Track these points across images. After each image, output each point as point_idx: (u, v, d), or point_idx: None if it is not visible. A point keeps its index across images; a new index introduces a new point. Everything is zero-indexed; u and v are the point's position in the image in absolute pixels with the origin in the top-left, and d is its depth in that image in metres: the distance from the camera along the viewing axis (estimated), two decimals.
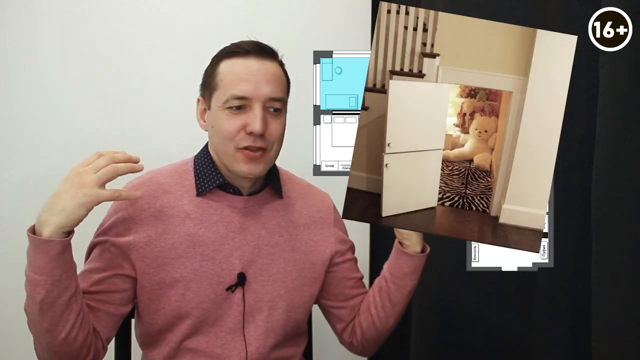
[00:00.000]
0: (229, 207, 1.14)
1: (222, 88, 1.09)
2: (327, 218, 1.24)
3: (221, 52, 1.13)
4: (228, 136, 1.08)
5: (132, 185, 1.14)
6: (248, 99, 1.07)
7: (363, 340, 1.25)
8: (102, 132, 1.74)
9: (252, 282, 1.13)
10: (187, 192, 1.14)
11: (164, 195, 1.13)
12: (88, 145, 1.73)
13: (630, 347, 0.97)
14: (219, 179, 1.13)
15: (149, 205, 1.11)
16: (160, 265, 1.10)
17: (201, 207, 1.13)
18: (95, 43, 1.72)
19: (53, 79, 1.72)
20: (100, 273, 1.10)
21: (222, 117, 1.09)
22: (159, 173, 1.17)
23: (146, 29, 1.73)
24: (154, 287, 1.10)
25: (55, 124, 1.72)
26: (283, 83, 1.13)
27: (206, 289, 1.11)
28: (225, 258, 1.12)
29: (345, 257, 1.25)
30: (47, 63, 1.71)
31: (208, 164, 1.15)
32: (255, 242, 1.15)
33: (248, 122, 1.07)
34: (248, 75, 1.08)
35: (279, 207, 1.19)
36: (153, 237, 1.10)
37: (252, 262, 1.14)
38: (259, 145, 1.08)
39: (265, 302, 1.14)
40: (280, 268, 1.16)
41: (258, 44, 1.11)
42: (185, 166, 1.18)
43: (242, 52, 1.09)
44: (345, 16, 1.79)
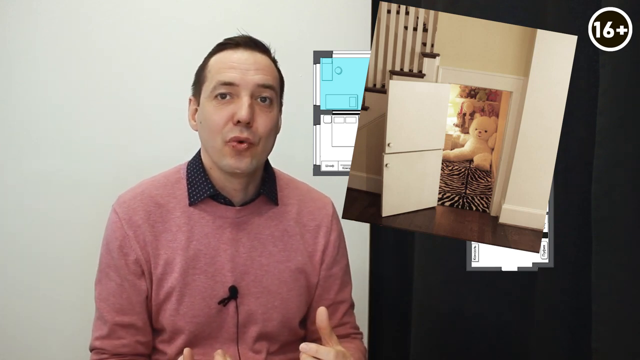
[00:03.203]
0: (221, 218, 1.11)
1: (209, 79, 1.07)
2: (324, 225, 1.19)
3: (213, 49, 1.12)
4: (216, 128, 1.05)
5: (124, 200, 1.12)
6: (235, 86, 1.05)
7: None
8: (102, 133, 1.73)
9: (246, 294, 1.11)
10: (179, 203, 1.12)
11: (156, 209, 1.10)
12: (88, 146, 1.74)
13: (630, 347, 0.97)
14: (210, 189, 1.11)
15: (143, 221, 1.09)
16: (156, 282, 1.09)
17: (193, 219, 1.11)
18: (96, 44, 1.72)
19: (53, 79, 1.71)
20: (132, 303, 1.09)
21: (210, 108, 1.06)
22: (151, 184, 1.14)
23: (146, 29, 1.73)
24: (152, 303, 1.10)
25: (56, 125, 1.72)
26: (274, 74, 1.10)
27: (199, 303, 1.09)
28: (217, 271, 1.10)
29: (330, 270, 1.19)
30: (48, 63, 1.71)
31: (200, 173, 1.12)
32: (247, 253, 1.12)
33: (235, 111, 1.04)
34: (236, 63, 1.06)
35: (274, 215, 1.16)
36: (150, 254, 1.09)
37: (245, 274, 1.11)
38: (245, 136, 1.04)
39: (259, 315, 1.12)
40: (275, 279, 1.13)
41: (249, 37, 1.10)
42: (177, 174, 1.15)
43: (232, 45, 1.08)
44: (345, 16, 1.79)
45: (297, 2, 1.76)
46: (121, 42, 1.72)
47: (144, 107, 1.74)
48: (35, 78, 1.71)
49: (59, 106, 1.71)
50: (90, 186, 1.69)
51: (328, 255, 1.18)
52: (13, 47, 1.69)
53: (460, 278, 1.36)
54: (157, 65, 1.73)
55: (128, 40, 1.73)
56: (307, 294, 1.17)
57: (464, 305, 1.39)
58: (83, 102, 1.72)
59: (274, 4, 1.76)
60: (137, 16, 1.73)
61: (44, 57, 1.71)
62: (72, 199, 1.69)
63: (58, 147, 1.71)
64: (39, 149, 1.71)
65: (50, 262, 1.68)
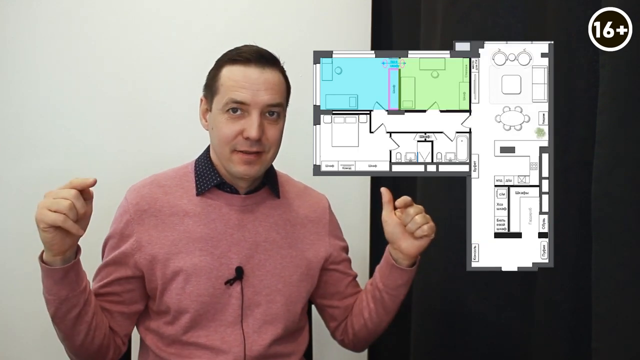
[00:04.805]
0: (227, 205, 1.18)
1: (222, 92, 1.12)
2: (323, 219, 1.27)
3: (224, 56, 1.16)
4: (226, 140, 1.12)
5: (135, 188, 1.19)
6: (246, 105, 1.11)
7: (355, 339, 1.29)
8: (103, 133, 1.74)
9: (250, 276, 1.16)
10: (186, 192, 1.18)
11: (164, 196, 1.17)
12: (88, 146, 1.74)
13: (630, 347, 0.97)
14: (217, 179, 1.17)
15: (150, 206, 1.16)
16: (162, 262, 1.14)
17: (200, 205, 1.17)
18: (97, 43, 1.72)
19: (54, 79, 1.72)
20: (108, 277, 1.16)
21: (222, 120, 1.12)
22: (161, 176, 1.21)
23: (147, 29, 1.74)
24: (157, 284, 1.15)
25: (56, 125, 1.72)
26: (282, 89, 1.16)
27: (205, 282, 1.14)
28: (223, 253, 1.15)
29: (340, 257, 1.29)
30: (48, 63, 1.71)
31: (207, 165, 1.19)
32: (252, 238, 1.18)
33: (245, 128, 1.10)
34: (247, 83, 1.11)
35: (276, 206, 1.23)
36: (154, 235, 1.14)
37: (250, 257, 1.17)
38: (255, 149, 1.12)
39: (263, 296, 1.17)
40: (278, 263, 1.19)
41: (259, 51, 1.15)
42: (186, 169, 1.22)
43: (243, 60, 1.13)
44: (345, 16, 1.79)
45: (297, 2, 1.77)
46: (123, 41, 1.73)
47: (147, 107, 1.74)
48: (35, 78, 1.71)
49: (60, 106, 1.72)
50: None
51: (335, 246, 1.28)
52: (13, 47, 1.70)
53: (460, 278, 1.36)
54: (160, 65, 1.74)
55: (130, 40, 1.73)
56: (308, 281, 1.24)
57: (464, 305, 1.39)
58: (84, 102, 1.73)
59: (274, 4, 1.77)
60: (140, 16, 1.73)
61: (44, 57, 1.71)
62: None
63: (58, 147, 1.72)
64: (39, 149, 1.71)
65: None
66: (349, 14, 1.80)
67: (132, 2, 1.72)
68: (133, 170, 1.41)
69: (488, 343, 1.37)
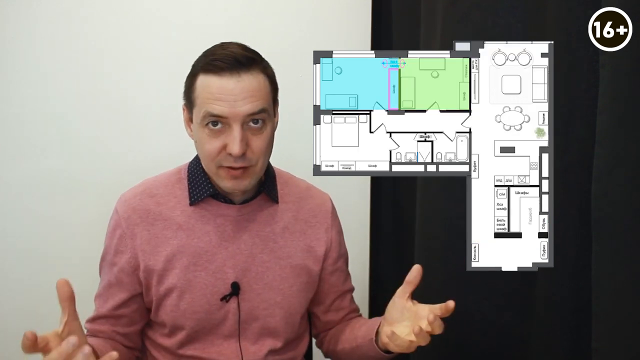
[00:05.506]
0: (222, 216, 1.13)
1: (199, 105, 1.05)
2: (324, 222, 1.22)
3: (198, 62, 1.08)
4: (210, 157, 1.06)
5: (125, 199, 1.14)
6: (225, 118, 1.03)
7: (328, 354, 1.27)
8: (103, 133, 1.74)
9: (247, 290, 1.13)
10: (179, 202, 1.13)
11: (156, 207, 1.12)
12: (89, 146, 1.74)
13: (630, 347, 0.97)
14: (210, 189, 1.12)
15: (142, 220, 1.11)
16: (157, 278, 1.11)
17: (193, 217, 1.12)
18: (97, 43, 1.72)
19: (54, 79, 1.72)
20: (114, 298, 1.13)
21: (203, 136, 1.05)
22: (152, 184, 1.16)
23: (147, 29, 1.74)
24: (152, 299, 1.12)
25: (56, 125, 1.72)
26: (264, 93, 1.06)
27: (200, 299, 1.11)
28: (218, 268, 1.12)
29: (336, 265, 1.24)
30: (48, 63, 1.71)
31: (200, 173, 1.14)
32: (248, 250, 1.14)
33: (227, 143, 1.03)
34: (223, 95, 1.02)
35: (274, 212, 1.17)
36: (147, 251, 1.10)
37: (247, 270, 1.13)
38: (239, 165, 1.05)
39: (261, 310, 1.14)
40: (276, 275, 1.15)
41: (233, 56, 1.03)
42: (178, 174, 1.17)
43: (216, 70, 1.03)
44: (345, 16, 1.79)
45: (297, 2, 1.77)
46: (123, 42, 1.73)
47: (147, 107, 1.74)
48: (35, 78, 1.71)
49: (60, 106, 1.72)
50: (90, 186, 1.69)
51: (333, 251, 1.22)
52: (13, 47, 1.70)
53: (460, 278, 1.36)
54: (157, 66, 1.74)
55: (130, 40, 1.73)
56: (308, 290, 1.20)
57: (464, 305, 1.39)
58: (84, 102, 1.73)
59: (274, 4, 1.76)
60: (140, 16, 1.73)
61: (44, 57, 1.71)
62: (73, 199, 1.69)
63: (58, 147, 1.72)
64: (39, 149, 1.71)
65: (51, 262, 1.68)
66: (349, 14, 1.80)
67: (132, 2, 1.72)
68: (133, 171, 1.41)
69: (488, 343, 1.36)
